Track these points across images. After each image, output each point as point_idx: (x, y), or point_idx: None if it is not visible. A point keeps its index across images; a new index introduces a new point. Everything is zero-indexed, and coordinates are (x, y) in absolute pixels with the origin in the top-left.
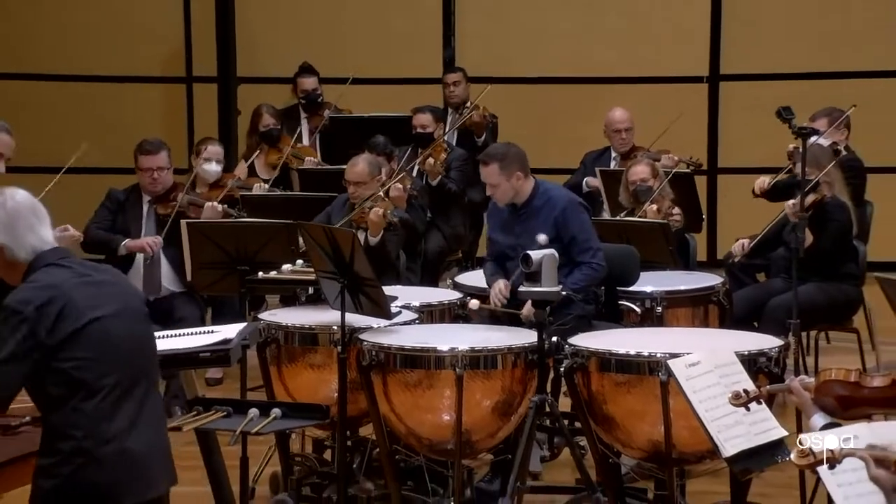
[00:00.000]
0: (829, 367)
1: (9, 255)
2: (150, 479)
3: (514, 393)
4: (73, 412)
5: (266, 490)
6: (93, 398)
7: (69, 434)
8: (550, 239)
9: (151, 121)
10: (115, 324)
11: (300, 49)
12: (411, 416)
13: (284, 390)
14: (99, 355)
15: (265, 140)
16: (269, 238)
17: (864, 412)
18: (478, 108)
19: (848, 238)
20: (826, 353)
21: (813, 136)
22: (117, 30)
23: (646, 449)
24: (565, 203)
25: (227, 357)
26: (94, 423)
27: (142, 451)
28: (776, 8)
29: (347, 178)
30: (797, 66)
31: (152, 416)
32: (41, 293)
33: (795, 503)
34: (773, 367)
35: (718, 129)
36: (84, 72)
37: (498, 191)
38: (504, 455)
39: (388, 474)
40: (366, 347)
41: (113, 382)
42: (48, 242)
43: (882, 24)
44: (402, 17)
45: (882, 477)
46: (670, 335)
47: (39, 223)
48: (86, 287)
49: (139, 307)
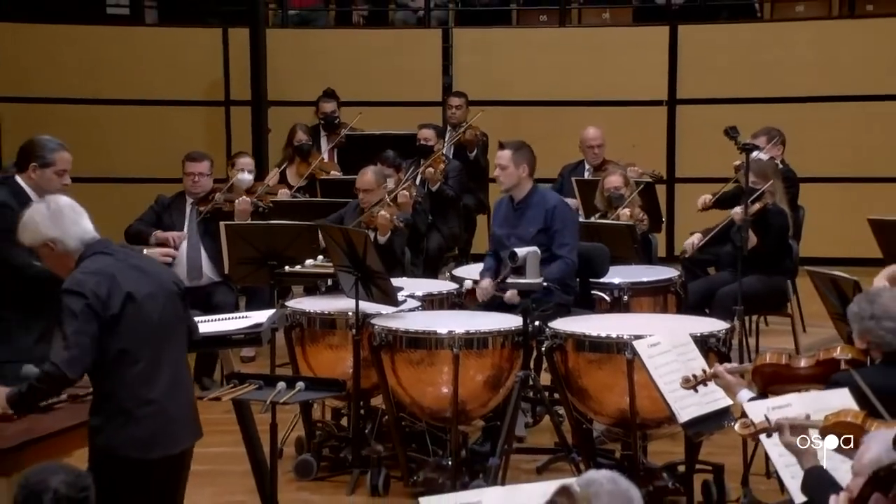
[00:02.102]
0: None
1: (61, 247)
2: (178, 436)
3: (503, 369)
4: (118, 378)
5: (292, 451)
6: (134, 366)
7: (114, 397)
8: (539, 229)
9: (195, 138)
10: (152, 303)
11: (321, 77)
12: (415, 389)
13: (307, 367)
14: (138, 330)
15: (297, 153)
16: (294, 237)
17: (794, 388)
18: (471, 128)
19: (785, 238)
20: (765, 335)
21: (754, 150)
22: (168, 62)
23: (614, 416)
24: (557, 202)
25: (258, 338)
26: (135, 388)
27: (174, 411)
28: (723, 43)
29: (357, 185)
30: (741, 92)
31: (183, 381)
32: (92, 277)
33: (739, 461)
34: (722, 347)
35: (676, 145)
36: (139, 97)
37: (504, 173)
38: (494, 422)
39: (395, 438)
40: (376, 330)
41: (150, 353)
42: (92, 233)
43: (812, 58)
44: (408, 51)
45: (791, 443)
46: (635, 320)
47: (80, 218)
48: (128, 270)
49: (172, 288)
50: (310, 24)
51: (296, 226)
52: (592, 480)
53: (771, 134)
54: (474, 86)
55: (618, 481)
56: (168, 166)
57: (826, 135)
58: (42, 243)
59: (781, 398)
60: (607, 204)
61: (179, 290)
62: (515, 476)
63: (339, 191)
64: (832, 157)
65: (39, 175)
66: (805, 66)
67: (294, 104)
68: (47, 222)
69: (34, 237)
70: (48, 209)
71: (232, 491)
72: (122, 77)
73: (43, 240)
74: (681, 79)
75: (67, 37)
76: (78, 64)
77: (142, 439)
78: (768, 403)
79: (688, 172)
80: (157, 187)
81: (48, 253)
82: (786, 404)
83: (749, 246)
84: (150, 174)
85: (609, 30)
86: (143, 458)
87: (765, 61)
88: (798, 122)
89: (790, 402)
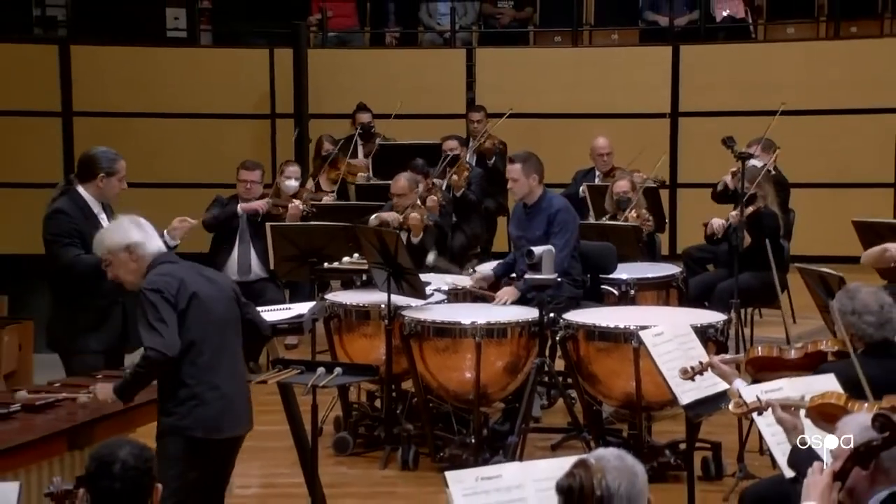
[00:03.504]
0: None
1: (141, 251)
2: (239, 420)
3: (520, 356)
4: (189, 366)
5: (331, 429)
6: (202, 356)
7: (185, 383)
8: (544, 231)
9: (244, 147)
10: (214, 303)
11: (357, 92)
12: (441, 374)
13: (344, 353)
14: (203, 325)
15: (326, 161)
16: (332, 237)
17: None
18: (490, 138)
19: (777, 238)
20: (759, 325)
21: (749, 158)
22: (220, 79)
23: (621, 399)
24: (561, 207)
25: (300, 328)
26: (203, 375)
27: (236, 398)
28: (721, 62)
29: (392, 191)
30: (737, 106)
31: (242, 372)
32: (165, 277)
33: (735, 439)
34: (720, 336)
35: (678, 153)
36: (195, 111)
37: (516, 185)
38: (512, 404)
39: (423, 418)
40: (406, 321)
41: (214, 345)
42: (162, 247)
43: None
44: (435, 69)
45: (785, 419)
46: (640, 312)
47: (156, 235)
48: (193, 275)
49: (230, 292)
50: (346, 44)
51: (334, 226)
52: (602, 457)
53: (764, 143)
54: (495, 100)
55: (624, 458)
56: (220, 173)
57: (814, 145)
58: (124, 246)
59: (773, 383)
60: (616, 206)
61: (236, 294)
62: (532, 453)
63: (372, 195)
64: (820, 165)
65: (106, 183)
66: (795, 82)
67: (332, 117)
68: (134, 228)
69: (119, 240)
70: (133, 222)
71: (277, 465)
72: (180, 93)
73: (127, 243)
74: (682, 94)
75: (133, 57)
76: (142, 81)
77: (209, 421)
78: (761, 387)
79: (689, 179)
80: (211, 191)
81: (126, 258)
82: (777, 388)
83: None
84: (204, 180)
85: (617, 49)
86: (207, 438)
87: (758, 78)
88: (789, 133)
89: (781, 387)
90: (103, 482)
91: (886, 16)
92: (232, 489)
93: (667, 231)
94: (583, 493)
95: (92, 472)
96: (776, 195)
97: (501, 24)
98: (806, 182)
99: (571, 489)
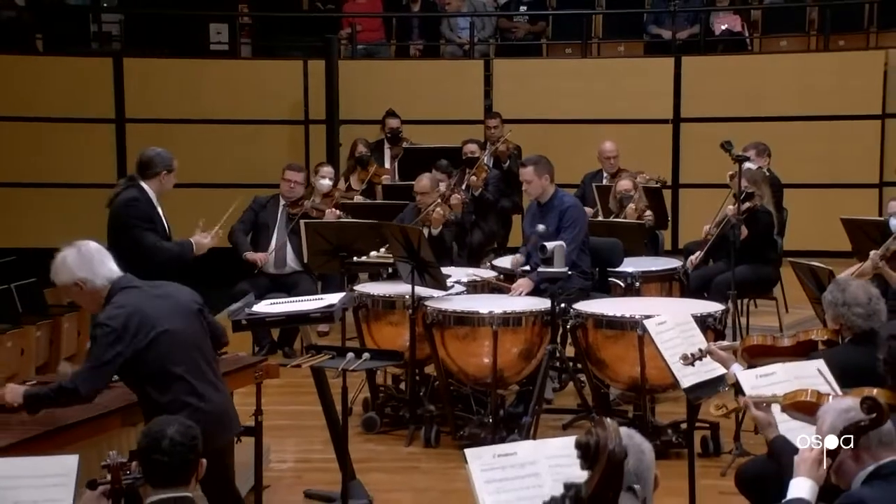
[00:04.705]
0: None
1: (90, 286)
2: (230, 423)
3: (534, 343)
4: (171, 391)
5: (359, 409)
6: (181, 379)
7: (172, 406)
8: (556, 227)
9: (280, 151)
10: (177, 326)
11: (384, 100)
12: (461, 359)
13: (372, 340)
14: (170, 352)
15: (358, 163)
16: (360, 233)
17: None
18: (505, 142)
19: (771, 234)
20: (754, 315)
21: (746, 161)
22: (258, 88)
23: (627, 383)
24: (571, 205)
25: (331, 316)
26: (185, 396)
27: (222, 407)
28: (719, 72)
29: (416, 189)
30: (734, 113)
31: (220, 382)
32: (122, 311)
33: (732, 420)
34: (718, 325)
35: (679, 156)
36: (236, 117)
37: (530, 186)
38: (527, 387)
39: (444, 400)
40: (429, 310)
41: (186, 367)
42: (117, 272)
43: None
44: (456, 78)
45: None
46: (645, 303)
47: (107, 259)
48: (153, 300)
49: (193, 308)
50: (374, 56)
51: (362, 223)
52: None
53: (759, 147)
54: (510, 107)
55: (633, 436)
56: (258, 174)
57: (805, 148)
58: (72, 283)
59: (767, 367)
60: (619, 205)
61: (199, 307)
62: (544, 432)
63: (397, 194)
64: (811, 167)
65: (167, 179)
66: (788, 91)
67: (361, 122)
68: (78, 264)
69: (66, 278)
70: (79, 253)
71: (311, 442)
72: (222, 101)
73: (73, 280)
74: (684, 101)
75: (180, 69)
76: (188, 91)
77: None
78: (756, 372)
79: (690, 179)
80: (250, 191)
81: (78, 291)
82: (771, 372)
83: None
84: (244, 181)
85: (623, 60)
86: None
87: (754, 87)
88: (782, 138)
89: (775, 371)
90: (154, 456)
91: (871, 30)
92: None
93: (669, 228)
94: (598, 447)
95: (144, 447)
96: (772, 195)
97: (516, 37)
98: (798, 182)
99: (588, 444)
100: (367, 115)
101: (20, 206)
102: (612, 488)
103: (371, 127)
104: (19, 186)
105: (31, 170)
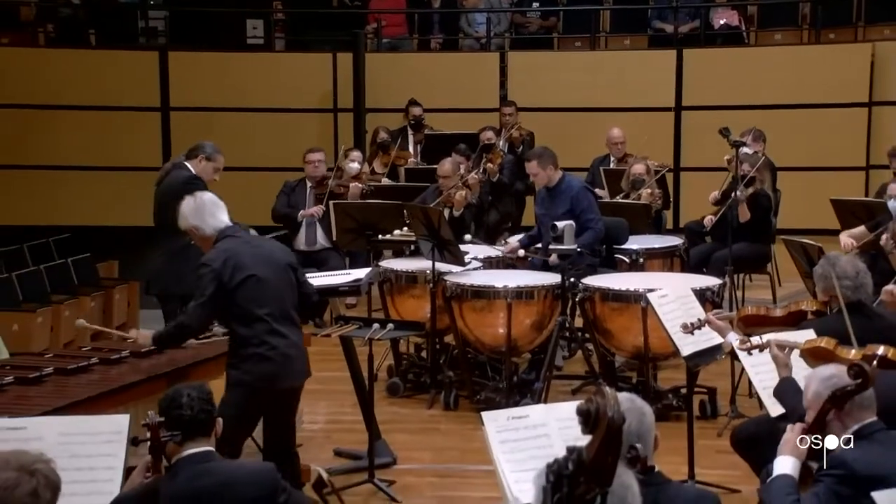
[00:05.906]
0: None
1: (201, 232)
2: (296, 373)
3: (545, 315)
4: (251, 330)
5: (384, 375)
6: (261, 321)
7: (249, 343)
8: (566, 210)
9: (310, 137)
10: (265, 274)
11: (407, 90)
12: (478, 329)
13: (395, 312)
14: (258, 295)
15: (380, 148)
16: (385, 213)
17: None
18: (519, 129)
19: (769, 215)
20: (749, 288)
21: (742, 146)
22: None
23: (631, 351)
24: (579, 188)
25: (358, 290)
26: (264, 337)
27: (293, 353)
28: (718, 63)
29: (438, 173)
30: (732, 101)
31: (296, 330)
32: (222, 254)
33: (728, 385)
34: (716, 298)
35: (681, 142)
36: (270, 106)
37: (537, 178)
38: (538, 355)
39: (462, 366)
40: (448, 284)
41: (269, 311)
42: (225, 222)
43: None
44: (473, 70)
45: (779, 356)
46: (648, 277)
47: (218, 211)
48: (249, 249)
49: (284, 262)
50: (398, 49)
51: (387, 204)
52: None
53: (755, 133)
54: (524, 97)
55: (634, 400)
56: (291, 158)
57: (798, 134)
58: (190, 228)
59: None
60: (631, 186)
61: (291, 264)
62: (554, 396)
63: (420, 177)
64: (802, 151)
65: (203, 166)
66: (782, 81)
67: (385, 111)
68: (192, 212)
69: (184, 224)
70: (195, 203)
71: (340, 405)
72: (258, 91)
73: (188, 226)
74: (685, 91)
75: (220, 61)
76: (227, 82)
77: (269, 375)
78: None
79: (690, 163)
80: (282, 174)
81: (194, 233)
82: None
83: (743, 219)
84: (277, 164)
85: (629, 53)
86: (269, 389)
87: (750, 77)
88: (776, 124)
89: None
90: (175, 411)
91: (859, 24)
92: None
93: (671, 209)
94: (598, 414)
95: (165, 406)
96: (770, 178)
97: (530, 31)
98: (791, 166)
99: (589, 412)
100: (391, 104)
101: (75, 187)
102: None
103: (395, 115)
104: (75, 169)
105: (85, 154)
